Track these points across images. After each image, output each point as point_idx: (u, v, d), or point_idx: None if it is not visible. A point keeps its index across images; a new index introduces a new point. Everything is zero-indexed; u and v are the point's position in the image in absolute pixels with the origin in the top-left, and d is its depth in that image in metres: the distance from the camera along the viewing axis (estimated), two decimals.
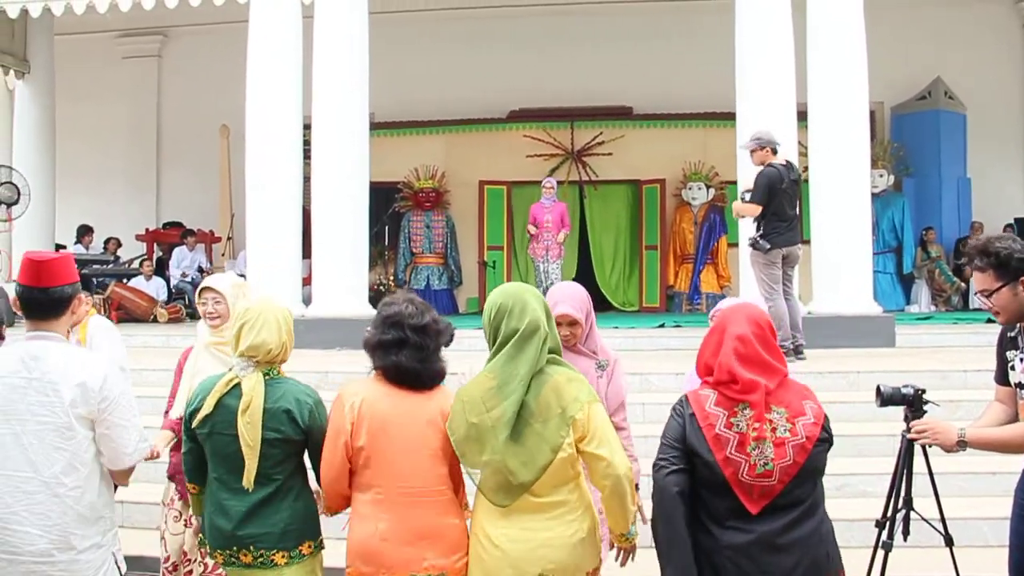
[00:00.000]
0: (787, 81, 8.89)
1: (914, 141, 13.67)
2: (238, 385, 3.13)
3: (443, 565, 2.99)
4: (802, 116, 9.08)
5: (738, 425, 2.76)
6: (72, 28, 13.43)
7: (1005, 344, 3.33)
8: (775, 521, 2.74)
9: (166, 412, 4.30)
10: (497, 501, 2.90)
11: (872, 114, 9.58)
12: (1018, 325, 3.28)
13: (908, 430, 3.41)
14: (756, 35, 8.94)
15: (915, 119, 13.77)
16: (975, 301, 13.31)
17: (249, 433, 3.05)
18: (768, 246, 7.71)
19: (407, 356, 3.08)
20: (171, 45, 15.85)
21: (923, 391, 3.49)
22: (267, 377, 3.16)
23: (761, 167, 7.87)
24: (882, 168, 13.00)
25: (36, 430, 2.85)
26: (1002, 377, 3.34)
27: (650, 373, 7.23)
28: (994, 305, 3.24)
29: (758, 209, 7.77)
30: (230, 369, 3.21)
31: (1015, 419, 3.25)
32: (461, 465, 3.02)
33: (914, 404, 3.43)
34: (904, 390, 3.46)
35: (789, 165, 7.94)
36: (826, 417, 2.85)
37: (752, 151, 7.99)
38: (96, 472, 2.95)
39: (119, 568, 3.05)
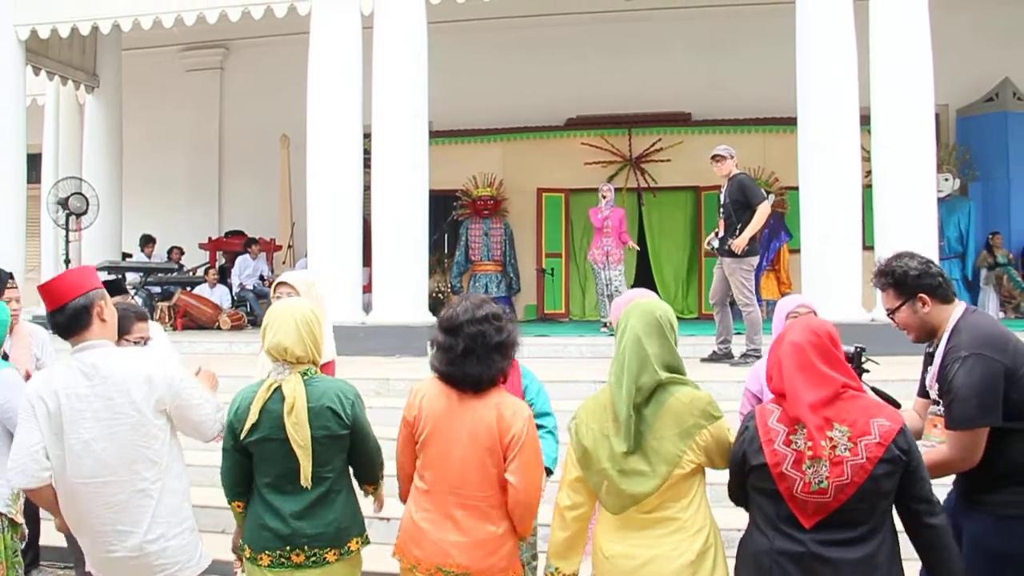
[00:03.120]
0: (849, 84, 8.76)
1: (981, 144, 13.36)
2: (279, 389, 3.16)
3: (467, 565, 3.06)
4: (865, 120, 8.93)
5: (796, 443, 2.72)
6: (139, 43, 13.76)
7: (925, 360, 3.42)
8: (828, 535, 2.68)
9: None
10: (609, 508, 2.93)
11: (937, 117, 9.38)
12: (933, 341, 3.33)
13: None
14: (818, 38, 8.82)
15: (982, 121, 13.48)
16: None
17: (299, 433, 3.09)
18: (757, 252, 8.38)
19: (435, 357, 3.20)
20: (233, 58, 16.16)
21: (863, 348, 3.45)
22: (305, 377, 3.19)
23: (728, 177, 8.42)
24: (947, 172, 12.73)
25: (108, 434, 3.02)
26: (922, 390, 3.43)
27: (712, 381, 7.16)
28: (898, 324, 3.30)
29: (768, 205, 8.38)
30: (268, 375, 3.25)
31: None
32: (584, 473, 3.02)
33: (853, 362, 3.34)
34: (844, 348, 3.38)
35: None
36: (900, 435, 2.70)
37: (723, 160, 8.42)
38: (174, 464, 3.15)
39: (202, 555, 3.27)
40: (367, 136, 9.84)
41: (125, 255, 13.77)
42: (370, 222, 9.81)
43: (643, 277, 13.50)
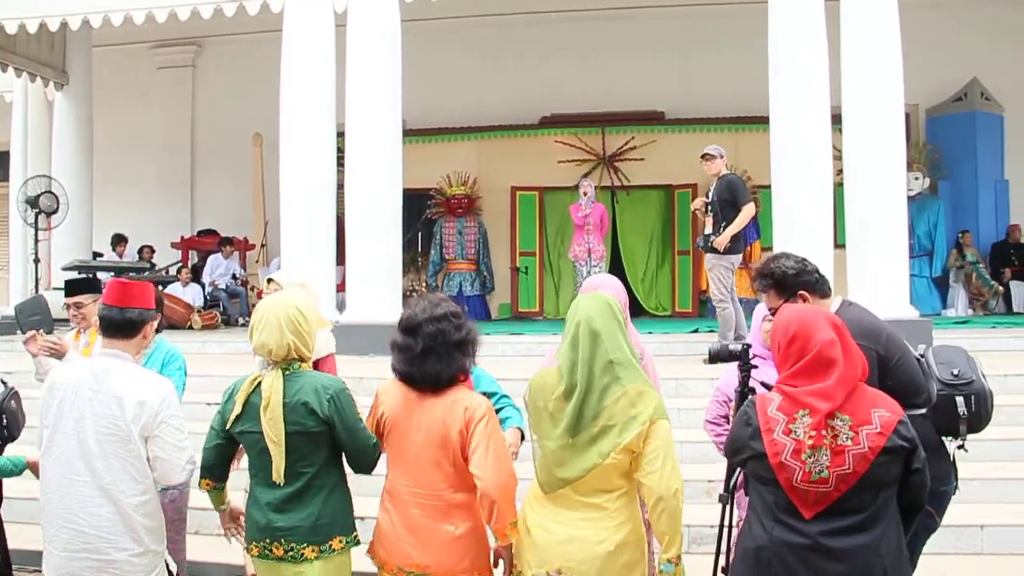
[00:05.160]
0: (821, 84, 8.82)
1: (950, 143, 13.52)
2: (261, 383, 3.20)
3: (425, 565, 3.08)
4: (836, 119, 9.00)
5: (795, 432, 2.72)
6: (109, 40, 13.62)
7: None
8: (827, 525, 2.70)
9: None
10: (542, 484, 3.00)
11: (907, 116, 9.47)
12: None
13: (741, 385, 3.38)
14: (789, 38, 8.87)
15: (951, 121, 13.63)
16: (1017, 304, 13.18)
17: (272, 429, 3.11)
18: (740, 250, 8.54)
19: (396, 359, 3.23)
20: (205, 55, 16.04)
21: (749, 346, 3.51)
22: (287, 373, 3.20)
23: (717, 176, 8.62)
24: (917, 171, 12.86)
25: (98, 439, 3.11)
26: None
27: (685, 378, 7.20)
28: None
29: (753, 207, 8.52)
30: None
31: None
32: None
33: (742, 358, 3.40)
34: (732, 347, 3.45)
35: None
36: (901, 424, 2.74)
37: (713, 159, 8.63)
38: (149, 487, 3.19)
39: (170, 571, 3.32)
40: (341, 135, 9.80)
41: (96, 254, 13.64)
42: (344, 221, 9.77)
43: (616, 275, 13.46)
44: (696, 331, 10.50)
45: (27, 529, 5.21)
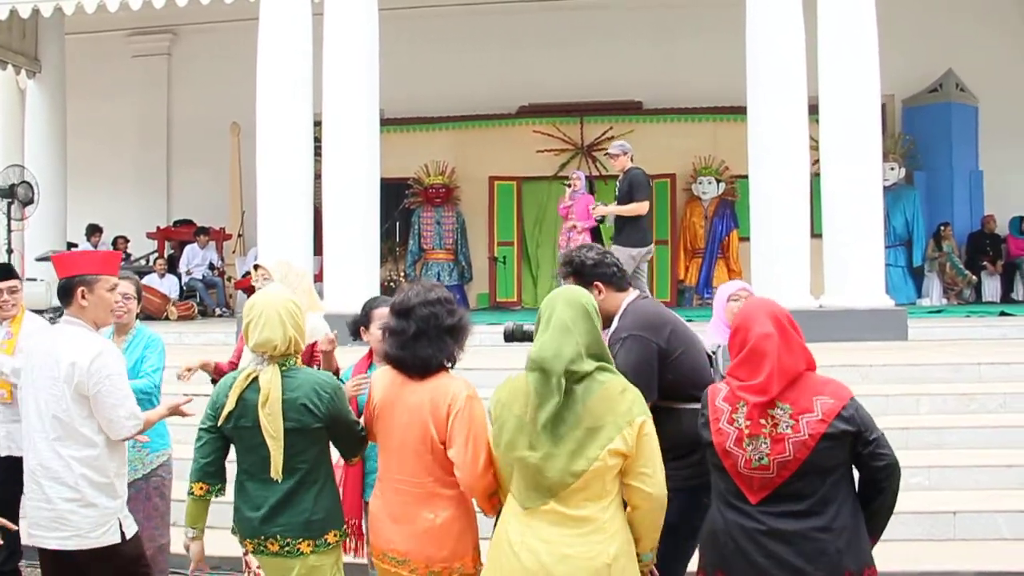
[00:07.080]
0: (798, 74, 8.87)
1: (925, 134, 13.61)
2: (257, 379, 3.19)
3: (405, 552, 3.07)
4: (813, 110, 9.05)
5: (737, 421, 2.81)
6: (82, 27, 13.48)
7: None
8: (775, 508, 2.77)
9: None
10: (523, 500, 2.81)
11: (883, 107, 9.54)
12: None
13: None
14: (767, 28, 8.91)
15: (926, 112, 13.72)
16: (988, 294, 13.32)
17: (271, 424, 3.11)
18: (644, 241, 8.64)
19: (389, 343, 3.20)
20: (181, 43, 15.88)
21: (520, 325, 3.62)
22: (283, 369, 3.20)
23: (623, 172, 8.80)
24: (893, 161, 12.95)
25: (46, 397, 3.39)
26: None
27: None
28: None
29: (646, 206, 8.63)
30: (249, 364, 3.29)
31: None
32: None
33: (533, 339, 3.36)
34: (526, 327, 3.51)
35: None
36: (845, 409, 2.74)
37: (616, 156, 8.84)
38: (99, 443, 3.40)
39: (123, 534, 3.46)
40: (317, 124, 9.75)
41: (71, 245, 13.51)
42: (321, 211, 9.73)
43: None
44: None
45: None
